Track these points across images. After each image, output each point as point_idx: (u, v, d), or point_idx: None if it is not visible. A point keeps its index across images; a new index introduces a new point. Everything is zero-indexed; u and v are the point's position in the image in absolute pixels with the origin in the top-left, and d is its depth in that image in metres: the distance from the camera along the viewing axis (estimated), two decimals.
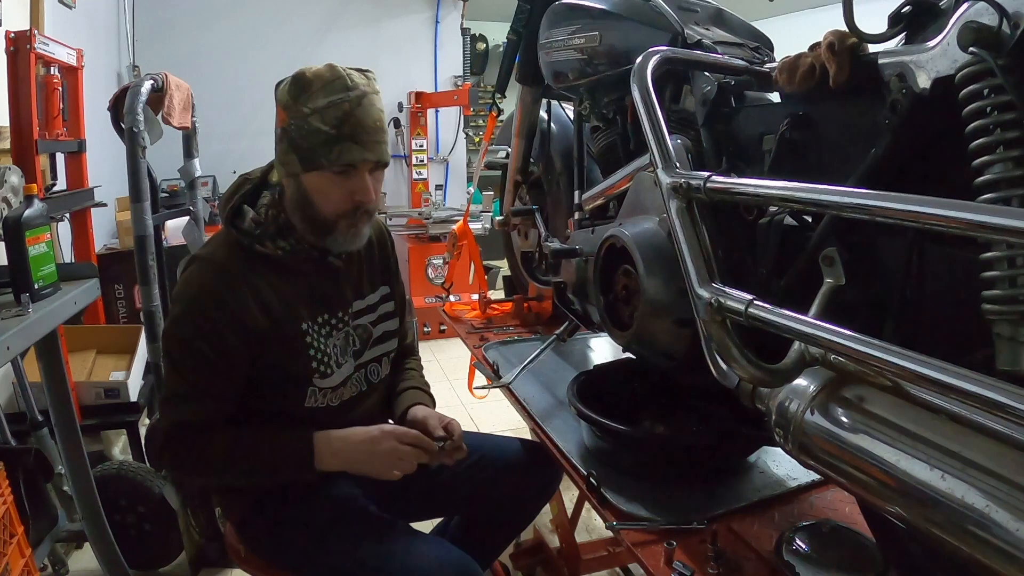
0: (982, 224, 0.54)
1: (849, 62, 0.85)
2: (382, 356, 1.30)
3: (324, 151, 1.05)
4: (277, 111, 1.10)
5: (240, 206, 1.16)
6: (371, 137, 1.07)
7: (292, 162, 1.08)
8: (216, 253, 1.13)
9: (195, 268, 1.12)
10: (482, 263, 2.47)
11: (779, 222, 1.00)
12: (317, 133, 1.04)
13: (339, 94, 1.04)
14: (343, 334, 1.21)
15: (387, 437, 1.12)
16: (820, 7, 4.51)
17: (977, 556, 0.59)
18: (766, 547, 1.02)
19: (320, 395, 1.18)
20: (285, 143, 1.08)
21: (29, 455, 1.54)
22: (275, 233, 1.13)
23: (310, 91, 1.05)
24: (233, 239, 1.13)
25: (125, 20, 4.23)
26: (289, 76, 1.08)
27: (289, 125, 1.07)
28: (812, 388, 0.77)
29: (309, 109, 1.04)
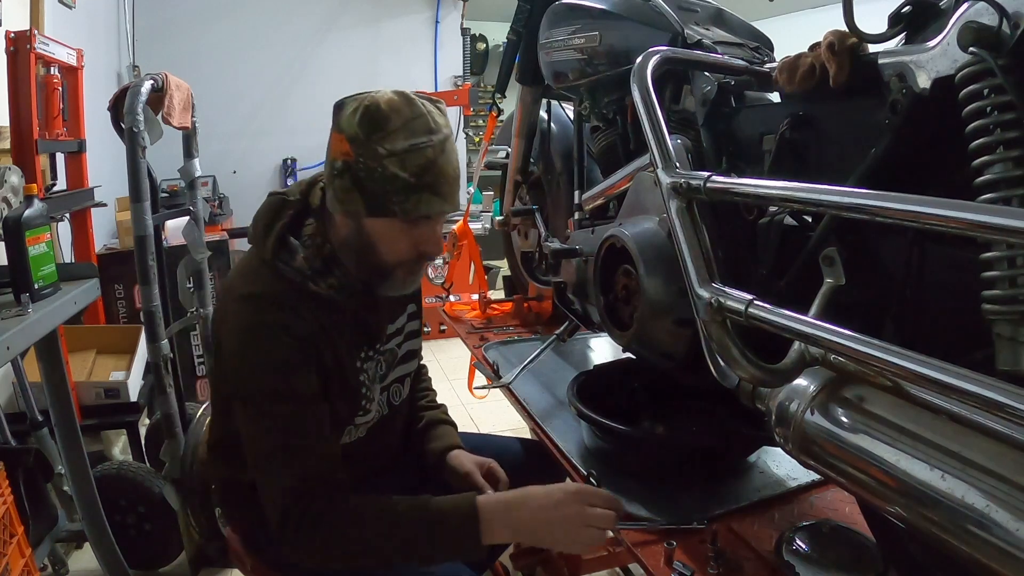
0: (982, 224, 0.54)
1: (849, 62, 0.85)
2: (404, 376, 1.24)
3: (399, 199, 0.94)
4: (338, 140, 0.96)
5: (285, 237, 1.04)
6: (451, 188, 0.98)
7: (355, 202, 0.96)
8: (264, 287, 1.01)
9: (250, 309, 1.00)
10: (482, 263, 2.47)
11: (779, 222, 1.00)
12: (393, 179, 0.93)
13: (421, 137, 0.93)
14: (374, 363, 1.14)
15: (572, 499, 0.95)
16: (820, 7, 4.51)
17: (977, 556, 0.59)
18: (766, 547, 1.02)
19: (355, 430, 1.13)
20: (347, 180, 0.95)
21: (29, 455, 1.54)
22: (321, 268, 1.03)
23: (387, 129, 0.92)
24: (282, 275, 1.02)
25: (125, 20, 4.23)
26: (356, 102, 0.95)
27: (357, 163, 0.93)
28: (812, 388, 0.77)
29: (385, 150, 0.92)
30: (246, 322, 1.00)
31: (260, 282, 1.02)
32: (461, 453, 1.24)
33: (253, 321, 0.99)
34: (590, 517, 0.94)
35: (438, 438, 1.28)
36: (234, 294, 1.03)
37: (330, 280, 1.03)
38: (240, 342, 1.00)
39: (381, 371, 1.16)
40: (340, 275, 1.04)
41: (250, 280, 1.03)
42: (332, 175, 0.98)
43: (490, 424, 2.98)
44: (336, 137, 0.96)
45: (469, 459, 1.22)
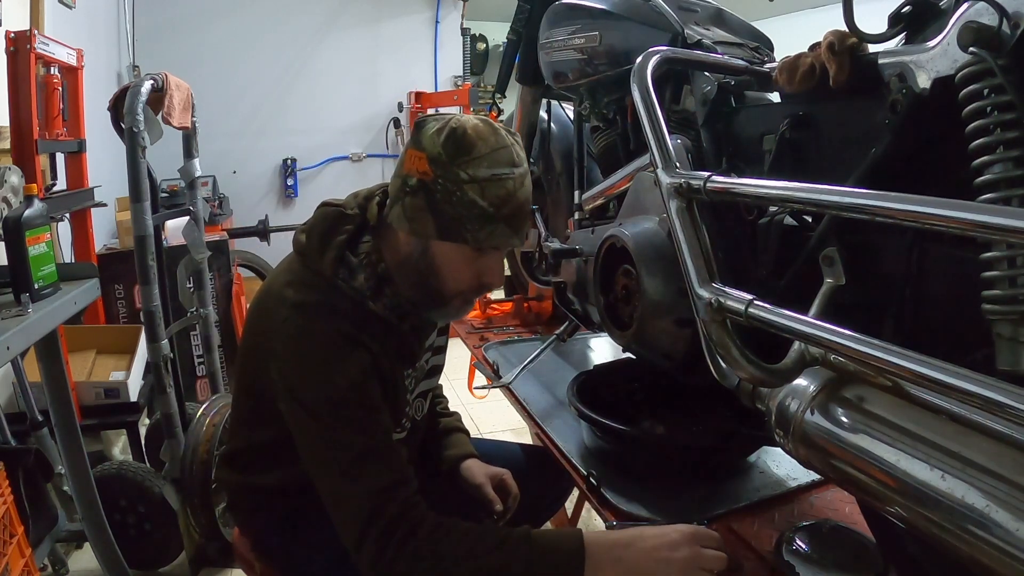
0: (982, 224, 0.54)
1: (849, 62, 0.85)
2: (427, 392, 1.22)
3: (472, 228, 0.93)
4: (416, 157, 0.94)
5: (345, 255, 1.01)
6: (524, 222, 0.97)
7: (426, 223, 0.94)
8: (319, 296, 0.98)
9: (304, 317, 0.97)
10: None
11: (779, 222, 1.00)
12: (471, 206, 0.92)
13: (504, 168, 0.92)
14: (411, 380, 1.13)
15: (687, 541, 0.89)
16: (820, 7, 4.50)
17: (977, 556, 0.59)
18: (766, 547, 1.02)
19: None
20: (421, 199, 0.94)
21: (29, 455, 1.53)
22: (376, 287, 1.01)
23: (471, 155, 0.91)
24: (340, 290, 1.00)
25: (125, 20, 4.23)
26: (440, 121, 0.94)
27: (435, 183, 0.92)
28: (812, 388, 0.77)
29: (468, 176, 0.91)
30: (304, 330, 0.96)
31: (317, 292, 0.99)
32: (474, 463, 1.24)
33: (314, 329, 0.96)
34: (704, 559, 0.88)
35: (453, 446, 1.28)
36: (286, 303, 0.98)
37: (383, 300, 1.01)
38: (298, 351, 0.95)
39: (411, 388, 1.15)
40: (391, 295, 1.02)
41: (304, 290, 0.99)
42: (404, 191, 0.96)
43: (490, 424, 2.98)
44: (415, 155, 0.94)
45: (481, 470, 1.22)
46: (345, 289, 1.00)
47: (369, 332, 0.99)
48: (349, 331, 0.96)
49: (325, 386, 0.94)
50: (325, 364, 0.95)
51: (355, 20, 4.94)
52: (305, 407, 0.95)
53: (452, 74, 5.28)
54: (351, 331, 0.96)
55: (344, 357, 0.95)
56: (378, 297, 1.01)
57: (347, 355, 0.95)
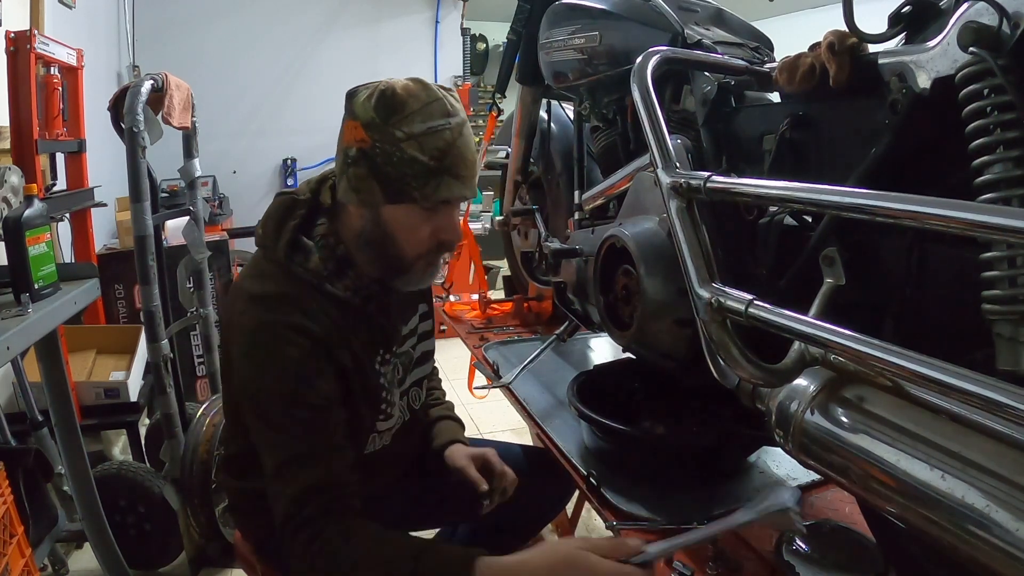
0: (982, 224, 0.54)
1: (849, 62, 0.85)
2: (421, 379, 1.21)
3: (418, 183, 0.92)
4: (352, 128, 0.94)
5: (298, 238, 1.01)
6: (470, 172, 0.96)
7: (372, 191, 0.94)
8: (276, 287, 0.98)
9: (259, 309, 0.97)
10: (482, 263, 2.47)
11: (779, 222, 1.00)
12: (412, 163, 0.91)
13: (439, 120, 0.92)
14: (391, 366, 1.11)
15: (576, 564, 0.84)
16: (820, 7, 4.50)
17: (977, 556, 0.59)
18: (766, 547, 1.02)
19: (379, 438, 1.10)
20: (363, 167, 0.93)
21: (29, 455, 1.53)
22: (336, 269, 1.00)
23: (404, 112, 0.91)
24: (296, 275, 0.99)
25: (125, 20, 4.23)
26: (370, 88, 0.94)
27: (373, 148, 0.92)
28: (812, 388, 0.77)
29: (403, 133, 0.91)
30: (257, 322, 0.96)
31: (272, 282, 0.99)
32: (457, 448, 1.21)
33: (264, 321, 0.96)
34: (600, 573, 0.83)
35: (439, 434, 1.26)
36: (243, 295, 1.00)
37: (344, 281, 1.01)
38: (250, 343, 0.97)
39: (399, 375, 1.13)
40: (354, 276, 1.01)
41: (261, 281, 1.00)
42: (346, 164, 0.95)
43: (490, 424, 2.98)
44: (350, 125, 0.94)
45: (463, 453, 1.19)
46: (302, 274, 0.99)
47: (327, 320, 0.97)
48: (301, 324, 0.95)
49: (273, 384, 0.94)
50: (273, 361, 0.94)
51: (355, 20, 4.95)
52: (253, 403, 0.97)
53: (452, 74, 5.29)
54: (304, 324, 0.95)
55: (293, 353, 0.94)
56: (338, 279, 1.00)
57: (297, 351, 0.94)
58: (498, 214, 2.14)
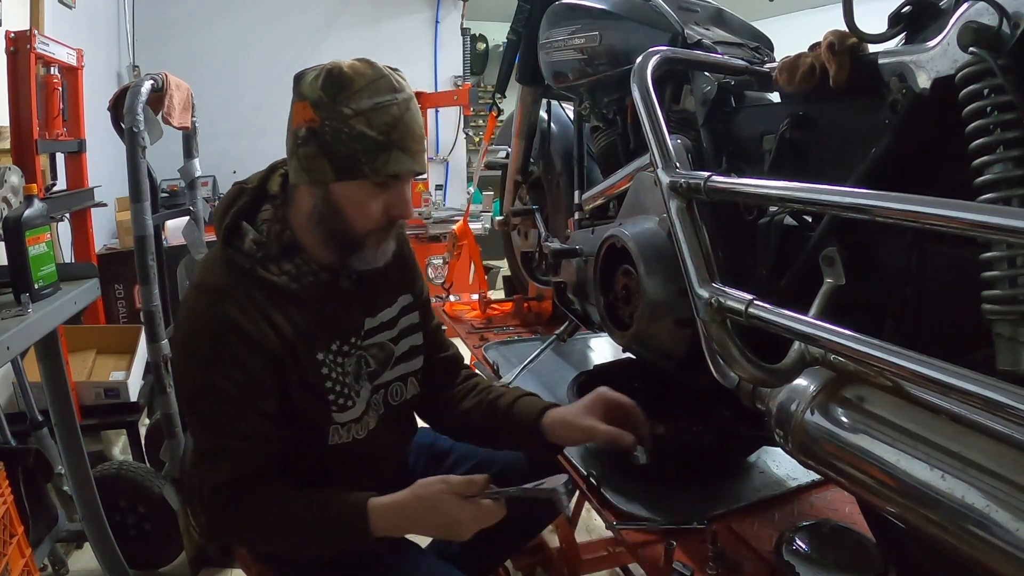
0: (982, 224, 0.54)
1: (849, 62, 0.85)
2: (407, 375, 1.17)
3: (368, 159, 0.93)
4: (300, 109, 0.95)
5: (237, 223, 1.02)
6: (418, 146, 0.97)
7: (322, 168, 0.95)
8: (216, 277, 1.00)
9: (195, 298, 1.00)
10: (482, 263, 2.47)
11: (779, 222, 1.00)
12: (361, 138, 0.92)
13: (386, 95, 0.93)
14: (354, 359, 1.08)
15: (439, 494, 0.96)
16: (820, 7, 4.51)
17: (977, 556, 0.59)
18: (766, 547, 1.02)
19: (344, 431, 1.07)
20: (313, 146, 0.94)
21: (29, 455, 1.54)
22: (279, 254, 1.01)
23: (351, 89, 0.92)
24: (232, 261, 1.00)
25: (125, 20, 4.23)
26: (316, 69, 0.94)
27: (322, 126, 0.93)
28: (812, 388, 0.77)
29: (351, 110, 0.91)
30: (188, 313, 1.00)
31: (211, 272, 1.01)
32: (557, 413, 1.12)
33: (195, 312, 0.99)
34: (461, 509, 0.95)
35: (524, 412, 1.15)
36: (192, 283, 1.04)
37: (286, 267, 1.01)
38: (183, 334, 1.00)
39: (369, 367, 1.11)
40: (301, 262, 1.02)
41: (204, 271, 1.04)
42: (296, 145, 0.96)
43: None
44: (299, 106, 0.95)
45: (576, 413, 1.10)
46: (235, 258, 1.00)
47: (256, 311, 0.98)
48: (228, 316, 0.96)
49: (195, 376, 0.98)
50: (197, 353, 0.98)
51: (355, 20, 4.95)
52: (180, 391, 1.03)
53: (452, 74, 5.29)
54: (231, 316, 0.96)
55: (216, 347, 0.96)
56: (276, 263, 1.01)
57: (219, 344, 0.96)
58: (498, 214, 2.14)
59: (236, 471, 0.97)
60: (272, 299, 1.00)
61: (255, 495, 0.98)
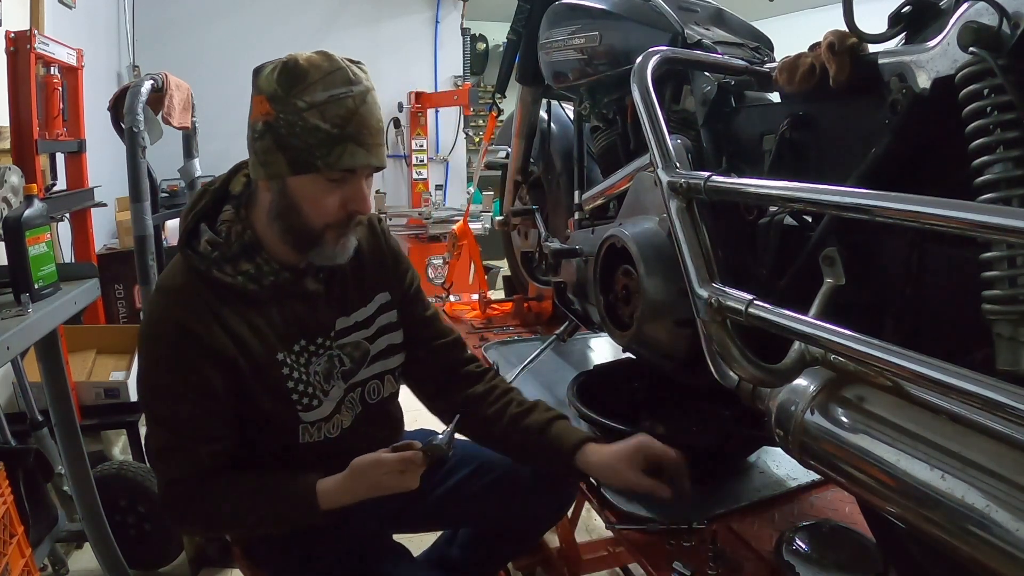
0: (982, 224, 0.54)
1: (849, 62, 0.85)
2: (384, 374, 1.16)
3: (322, 152, 0.92)
4: (257, 102, 0.94)
5: (197, 224, 1.02)
6: (374, 140, 0.96)
7: (277, 163, 0.94)
8: (173, 280, 1.01)
9: (154, 301, 1.03)
10: (482, 263, 2.47)
11: (779, 222, 1.00)
12: (315, 131, 0.91)
13: (341, 88, 0.92)
14: (325, 358, 1.08)
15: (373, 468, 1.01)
16: (820, 7, 4.51)
17: (977, 556, 0.59)
18: (766, 547, 1.02)
19: (314, 429, 1.07)
20: (269, 140, 0.93)
21: (29, 455, 1.54)
22: (238, 253, 1.00)
23: (306, 82, 0.91)
24: (189, 263, 1.00)
25: (125, 20, 4.23)
26: (275, 62, 0.93)
27: (277, 120, 0.92)
28: (812, 388, 0.77)
29: (305, 103, 0.91)
30: (147, 315, 1.04)
31: (170, 275, 1.03)
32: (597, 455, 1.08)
33: (151, 315, 1.02)
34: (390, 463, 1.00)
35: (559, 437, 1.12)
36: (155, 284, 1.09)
37: (244, 267, 1.00)
38: (140, 334, 1.02)
39: (343, 367, 1.10)
40: (261, 262, 1.01)
41: (166, 272, 1.05)
42: (253, 139, 0.96)
43: None
44: (256, 100, 0.95)
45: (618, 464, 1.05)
46: (192, 259, 1.00)
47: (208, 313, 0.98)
48: (179, 318, 0.97)
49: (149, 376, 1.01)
50: (151, 355, 1.00)
51: (355, 20, 4.95)
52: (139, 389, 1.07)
53: (452, 74, 5.29)
54: (182, 318, 0.97)
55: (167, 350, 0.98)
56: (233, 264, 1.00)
57: (171, 347, 0.97)
58: (498, 214, 2.14)
59: (189, 468, 1.00)
60: (226, 301, 1.00)
61: (208, 488, 1.01)
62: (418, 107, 5.02)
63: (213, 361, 0.98)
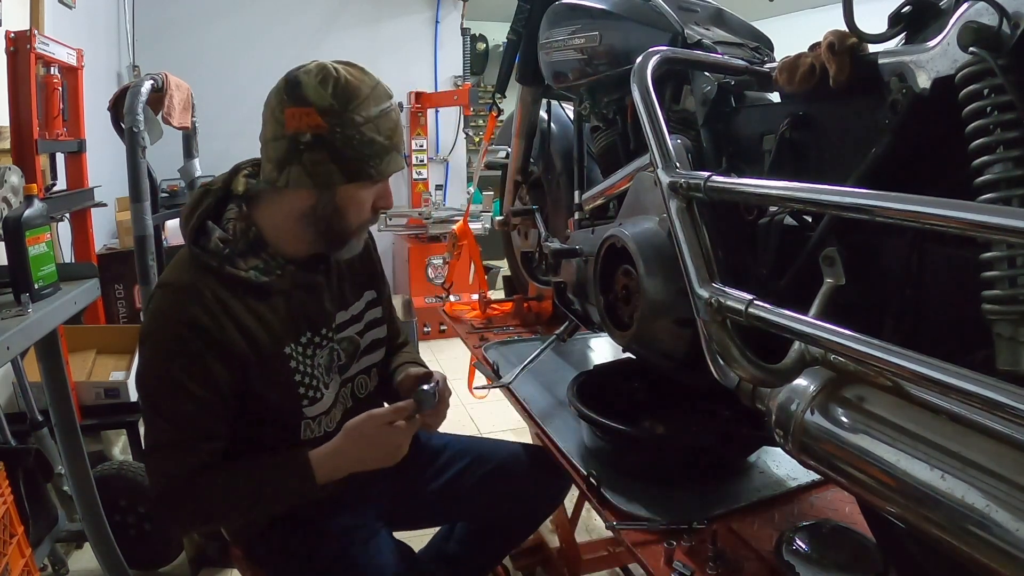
0: (982, 224, 0.54)
1: (849, 62, 0.85)
2: (370, 368, 1.22)
3: (375, 162, 1.00)
4: (302, 114, 0.96)
5: (203, 223, 1.05)
6: (403, 146, 1.06)
7: (330, 173, 0.98)
8: (181, 276, 1.02)
9: (160, 297, 1.02)
10: (482, 263, 2.47)
11: (779, 222, 1.00)
12: (370, 144, 0.98)
13: (386, 102, 1.01)
14: (327, 351, 1.12)
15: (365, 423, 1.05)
16: (820, 7, 4.51)
17: (977, 556, 0.59)
18: (766, 547, 1.02)
19: (315, 424, 1.11)
20: (321, 152, 0.97)
21: (29, 455, 1.54)
22: (245, 250, 1.04)
23: (360, 98, 0.97)
24: (199, 260, 1.02)
25: (125, 20, 4.23)
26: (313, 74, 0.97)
27: (332, 133, 0.96)
28: (812, 388, 0.77)
29: (362, 118, 0.97)
30: (153, 310, 1.03)
31: (177, 271, 1.04)
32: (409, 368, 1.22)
33: (158, 310, 1.02)
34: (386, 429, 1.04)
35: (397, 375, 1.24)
36: (157, 282, 1.07)
37: (253, 262, 1.04)
38: (146, 331, 1.02)
39: (340, 361, 1.14)
40: (267, 257, 1.05)
41: (171, 270, 1.05)
42: (297, 150, 0.98)
43: (490, 424, 2.98)
44: (300, 112, 0.96)
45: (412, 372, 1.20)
46: (202, 256, 1.02)
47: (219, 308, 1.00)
48: (189, 315, 0.98)
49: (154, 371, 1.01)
50: (157, 350, 1.00)
51: (355, 20, 4.94)
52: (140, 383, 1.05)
53: (452, 74, 5.28)
54: (192, 315, 0.98)
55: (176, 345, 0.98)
56: (244, 259, 1.03)
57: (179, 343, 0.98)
58: (498, 214, 2.14)
59: (187, 464, 1.00)
60: (237, 296, 1.02)
61: (203, 480, 1.01)
62: (418, 107, 5.01)
63: (222, 356, 0.99)
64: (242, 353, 1.01)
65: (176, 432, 1.00)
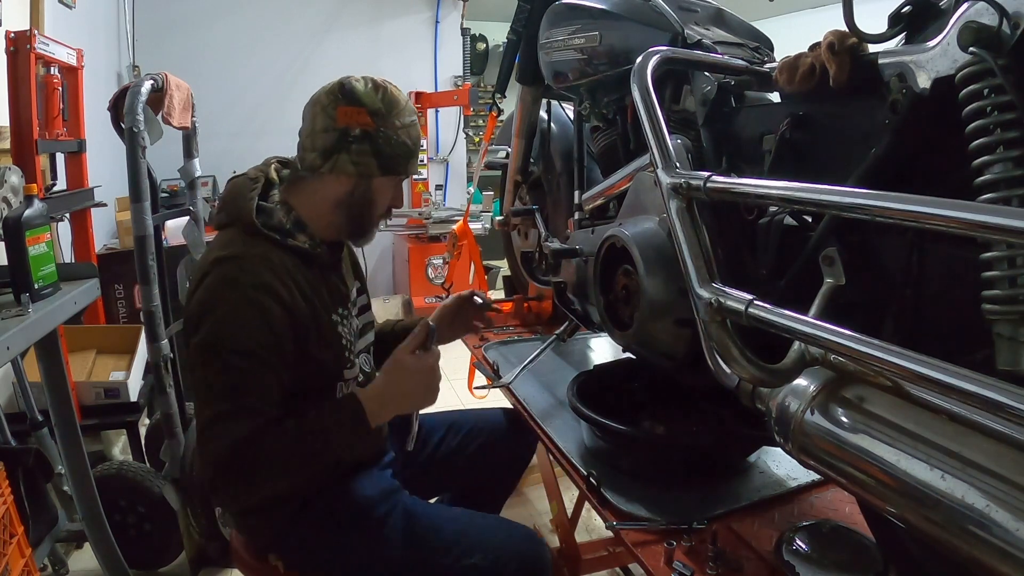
0: (982, 224, 0.54)
1: (849, 62, 0.85)
2: (368, 347, 1.34)
3: (405, 162, 1.17)
4: (353, 112, 1.12)
5: (260, 204, 1.15)
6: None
7: (370, 165, 1.14)
8: (245, 249, 1.09)
9: (228, 266, 1.06)
10: (482, 263, 2.47)
11: (779, 222, 1.00)
12: (403, 146, 1.15)
13: (414, 115, 1.18)
14: (348, 326, 1.23)
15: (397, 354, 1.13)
16: (820, 7, 4.51)
17: (977, 556, 0.59)
18: (766, 547, 1.03)
19: (346, 387, 1.21)
20: (366, 146, 1.13)
21: (29, 455, 1.54)
22: (294, 228, 1.16)
23: (398, 108, 1.15)
24: (260, 234, 1.11)
25: (125, 20, 4.23)
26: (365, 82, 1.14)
27: (377, 132, 1.13)
28: (812, 388, 0.77)
29: (400, 123, 1.15)
30: (221, 279, 1.06)
31: (235, 246, 1.10)
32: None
33: (228, 277, 1.06)
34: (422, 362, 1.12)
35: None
36: (209, 261, 1.10)
37: (302, 238, 1.16)
38: (211, 295, 1.05)
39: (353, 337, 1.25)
40: (309, 234, 1.17)
41: (225, 247, 1.11)
42: (346, 141, 1.12)
43: None
44: (351, 110, 1.12)
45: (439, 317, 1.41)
46: (267, 233, 1.11)
47: (288, 275, 1.09)
48: (264, 280, 1.06)
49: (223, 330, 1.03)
50: (228, 310, 1.04)
51: (355, 20, 4.94)
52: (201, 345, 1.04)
53: (452, 74, 5.28)
54: (266, 280, 1.06)
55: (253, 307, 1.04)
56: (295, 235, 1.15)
57: (257, 305, 1.04)
58: (498, 214, 2.14)
59: (252, 427, 1.01)
60: (297, 266, 1.13)
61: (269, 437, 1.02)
62: (418, 107, 5.00)
63: (290, 320, 1.07)
64: (304, 316, 1.10)
65: (241, 396, 1.02)
